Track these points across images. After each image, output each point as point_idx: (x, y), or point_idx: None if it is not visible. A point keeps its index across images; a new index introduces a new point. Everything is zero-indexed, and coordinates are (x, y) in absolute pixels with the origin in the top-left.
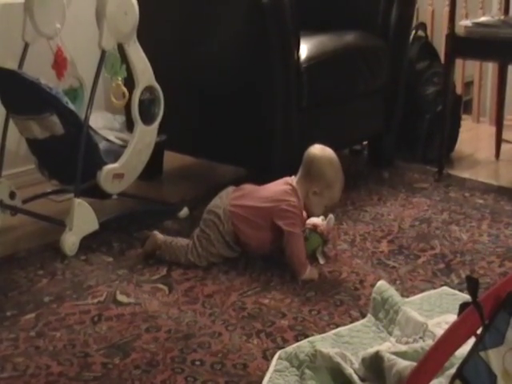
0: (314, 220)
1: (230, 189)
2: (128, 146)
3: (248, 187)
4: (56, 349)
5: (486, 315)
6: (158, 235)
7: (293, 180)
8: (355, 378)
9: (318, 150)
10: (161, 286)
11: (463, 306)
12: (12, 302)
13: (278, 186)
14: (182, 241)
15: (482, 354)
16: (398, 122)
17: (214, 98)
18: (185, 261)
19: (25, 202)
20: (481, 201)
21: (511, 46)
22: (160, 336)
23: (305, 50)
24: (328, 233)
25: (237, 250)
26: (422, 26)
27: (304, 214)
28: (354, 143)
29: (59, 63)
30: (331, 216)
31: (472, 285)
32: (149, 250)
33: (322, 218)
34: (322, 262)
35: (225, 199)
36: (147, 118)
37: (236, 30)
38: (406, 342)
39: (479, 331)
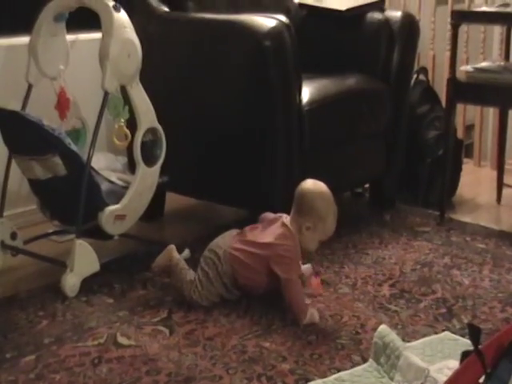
0: None
1: (234, 232)
2: (130, 188)
3: (250, 232)
4: None
5: (489, 363)
6: (174, 252)
7: (287, 219)
8: None
9: (308, 184)
10: (161, 328)
11: (465, 354)
12: (12, 344)
13: (275, 230)
14: (192, 275)
15: None
16: (400, 166)
17: (215, 140)
18: (187, 295)
19: (26, 242)
20: (482, 245)
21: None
22: (160, 379)
23: (307, 92)
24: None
25: (235, 293)
26: (424, 70)
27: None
28: (355, 185)
29: (62, 104)
30: (309, 265)
31: (474, 333)
32: (160, 264)
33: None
34: None
35: (227, 241)
36: (149, 160)
37: (238, 72)
38: None
39: (482, 379)
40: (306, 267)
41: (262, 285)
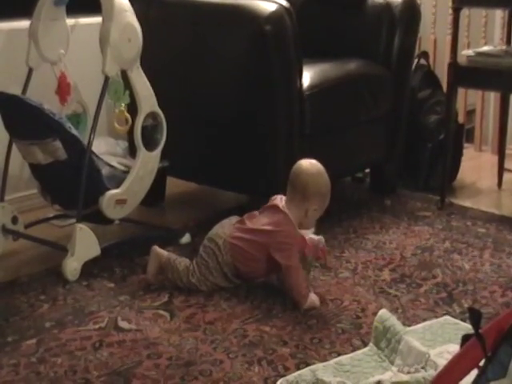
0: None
1: (234, 219)
2: (131, 172)
3: (248, 220)
4: (57, 375)
5: (489, 347)
6: (158, 250)
7: (283, 202)
8: None
9: (306, 169)
10: (162, 312)
11: (465, 338)
12: (13, 328)
13: (272, 216)
14: (185, 261)
15: None
16: (401, 150)
17: (216, 125)
18: (186, 281)
19: (27, 226)
20: (483, 230)
21: None
22: (161, 363)
23: (307, 77)
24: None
25: (234, 282)
26: (425, 54)
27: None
28: (356, 171)
29: (62, 88)
30: (321, 237)
31: (474, 317)
32: (153, 269)
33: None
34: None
35: (227, 230)
36: (150, 144)
37: (239, 57)
38: (408, 372)
39: (482, 363)
40: (318, 238)
41: (263, 272)
